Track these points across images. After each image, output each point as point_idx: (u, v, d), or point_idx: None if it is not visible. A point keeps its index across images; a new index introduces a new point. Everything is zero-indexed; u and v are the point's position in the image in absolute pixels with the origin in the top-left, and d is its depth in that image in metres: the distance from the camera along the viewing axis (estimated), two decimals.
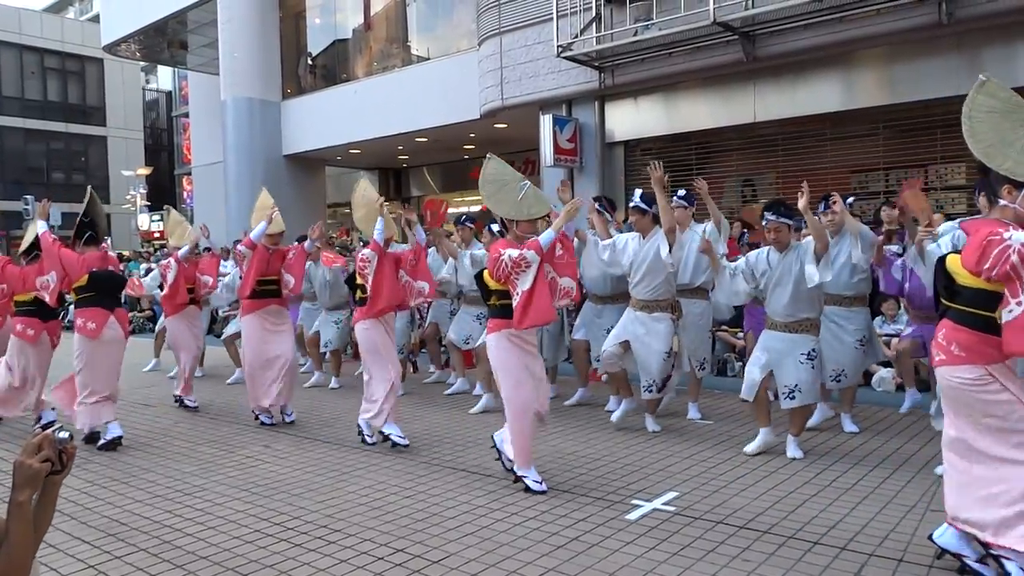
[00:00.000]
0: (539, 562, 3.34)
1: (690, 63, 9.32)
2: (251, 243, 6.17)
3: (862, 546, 3.42)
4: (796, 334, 4.84)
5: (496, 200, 4.48)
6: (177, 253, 7.07)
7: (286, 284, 6.34)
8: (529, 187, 4.43)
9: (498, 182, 4.50)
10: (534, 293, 4.17)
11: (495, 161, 4.59)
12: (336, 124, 15.29)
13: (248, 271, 6.22)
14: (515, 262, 4.19)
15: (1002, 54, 7.76)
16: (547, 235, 4.32)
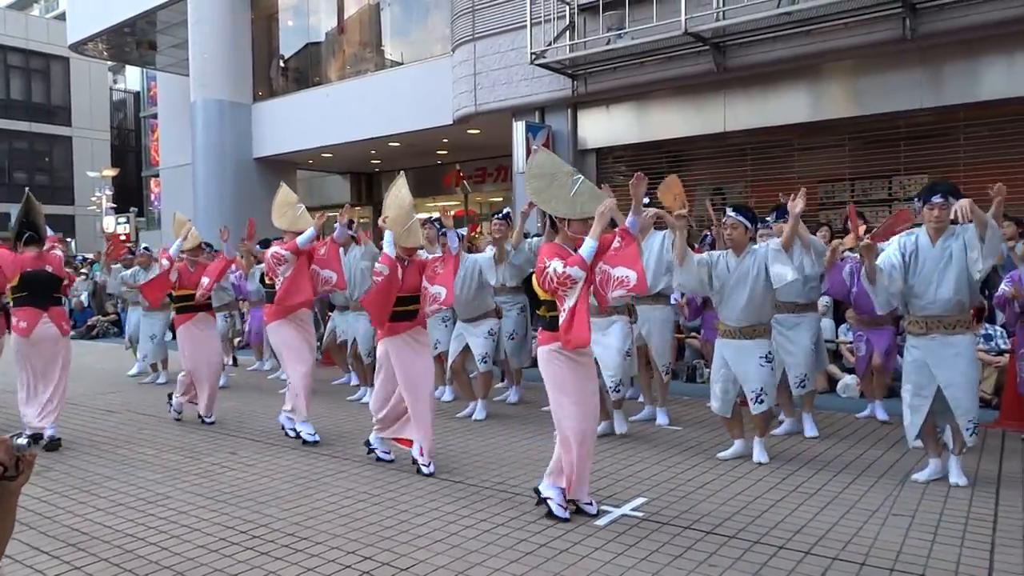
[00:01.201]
0: (508, 568, 3.34)
1: (662, 72, 9.43)
2: (296, 248, 5.69)
3: (826, 550, 3.47)
4: (750, 340, 4.93)
5: (545, 197, 3.96)
6: (168, 251, 6.78)
7: (327, 281, 5.91)
8: (583, 181, 3.94)
9: (546, 176, 3.98)
10: (576, 313, 3.74)
11: (543, 153, 4.19)
12: (308, 127, 15.19)
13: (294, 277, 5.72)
14: (560, 280, 3.75)
15: (963, 69, 7.97)
16: (588, 246, 3.83)
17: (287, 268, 5.69)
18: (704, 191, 10.78)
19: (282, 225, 5.94)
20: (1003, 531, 3.68)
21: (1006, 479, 4.52)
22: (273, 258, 5.72)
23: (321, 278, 5.87)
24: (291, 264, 5.69)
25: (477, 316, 6.54)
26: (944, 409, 4.36)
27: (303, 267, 5.73)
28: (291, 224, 5.88)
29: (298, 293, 5.73)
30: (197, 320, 6.66)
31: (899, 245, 4.46)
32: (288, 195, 6.09)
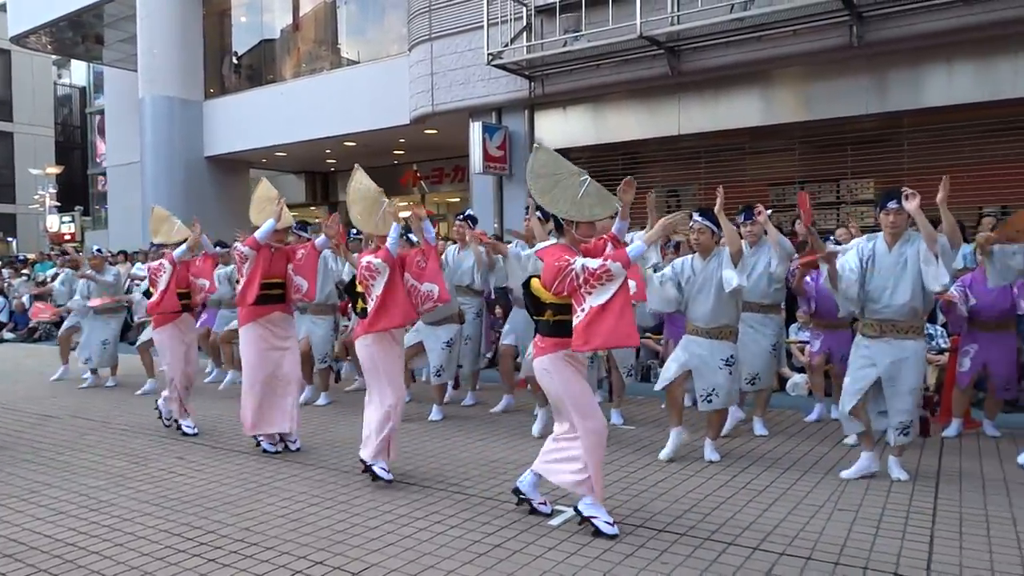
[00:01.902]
0: (461, 570, 3.33)
1: (618, 75, 9.53)
2: (255, 243, 5.37)
3: (774, 545, 3.54)
4: (716, 340, 4.98)
5: (551, 197, 3.79)
6: (171, 253, 6.25)
7: (298, 288, 5.56)
8: (590, 183, 3.78)
9: (551, 176, 3.82)
10: (610, 309, 3.52)
11: (544, 152, 3.93)
12: (261, 126, 14.95)
13: (252, 273, 5.40)
14: (595, 274, 3.55)
15: (908, 76, 8.22)
16: (637, 248, 3.67)
17: (247, 266, 5.37)
18: (659, 193, 10.91)
19: (258, 221, 5.60)
20: (942, 523, 3.80)
21: (945, 474, 4.67)
22: (237, 256, 5.46)
23: (294, 285, 5.55)
24: (251, 261, 5.37)
25: (440, 319, 6.49)
26: (881, 409, 4.49)
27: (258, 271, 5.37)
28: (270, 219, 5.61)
29: (245, 295, 5.37)
30: (179, 322, 6.28)
31: (858, 251, 4.55)
32: (268, 190, 5.74)
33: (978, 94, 7.88)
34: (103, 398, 7.95)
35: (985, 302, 5.46)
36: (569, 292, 3.61)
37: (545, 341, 3.81)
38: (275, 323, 5.49)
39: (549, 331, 3.80)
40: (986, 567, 3.26)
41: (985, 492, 4.29)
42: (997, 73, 7.75)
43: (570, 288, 3.59)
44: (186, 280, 6.34)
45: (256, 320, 5.42)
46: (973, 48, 7.78)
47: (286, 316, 5.60)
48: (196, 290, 6.41)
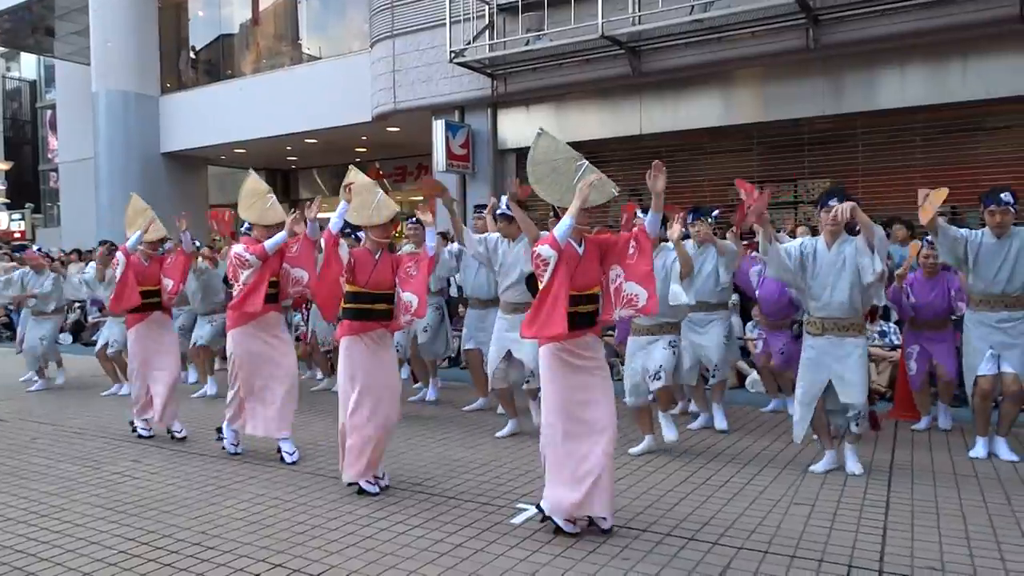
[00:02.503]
0: (423, 570, 3.31)
1: (580, 75, 9.57)
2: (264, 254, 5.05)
3: (732, 540, 3.59)
4: (658, 335, 5.16)
5: (547, 185, 3.71)
6: (125, 245, 5.97)
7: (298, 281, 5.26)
8: (587, 167, 3.66)
9: (549, 163, 3.71)
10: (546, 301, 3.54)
11: (547, 138, 3.79)
12: (220, 122, 14.68)
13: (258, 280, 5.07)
14: (535, 260, 3.56)
15: (863, 79, 8.41)
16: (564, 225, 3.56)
17: (250, 273, 5.02)
18: (622, 192, 10.99)
19: (249, 218, 5.33)
20: (894, 516, 3.89)
21: (898, 467, 4.79)
22: (236, 259, 5.03)
23: (292, 278, 5.23)
24: (255, 270, 5.03)
25: None
26: (835, 407, 4.60)
27: (266, 274, 5.07)
28: (259, 217, 5.23)
29: (254, 301, 5.02)
30: (151, 321, 5.96)
31: (800, 244, 4.67)
32: (257, 184, 5.38)
33: (929, 97, 8.09)
34: (54, 400, 7.75)
35: (924, 303, 5.62)
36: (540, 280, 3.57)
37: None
38: (267, 323, 5.21)
39: None
40: (936, 558, 3.35)
41: (935, 484, 4.41)
42: (947, 76, 7.97)
43: (538, 275, 3.56)
44: (156, 277, 6.01)
45: (249, 323, 5.13)
46: (925, 52, 7.98)
47: (277, 316, 5.33)
48: (163, 289, 6.08)
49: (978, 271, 4.88)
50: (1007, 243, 4.79)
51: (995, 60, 7.69)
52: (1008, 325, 4.85)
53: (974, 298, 5.00)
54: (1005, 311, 4.86)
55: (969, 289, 5.04)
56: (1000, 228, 4.78)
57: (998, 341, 4.87)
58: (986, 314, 4.91)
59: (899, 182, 8.36)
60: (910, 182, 8.50)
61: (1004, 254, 4.79)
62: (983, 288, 4.90)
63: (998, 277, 4.82)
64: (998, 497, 4.16)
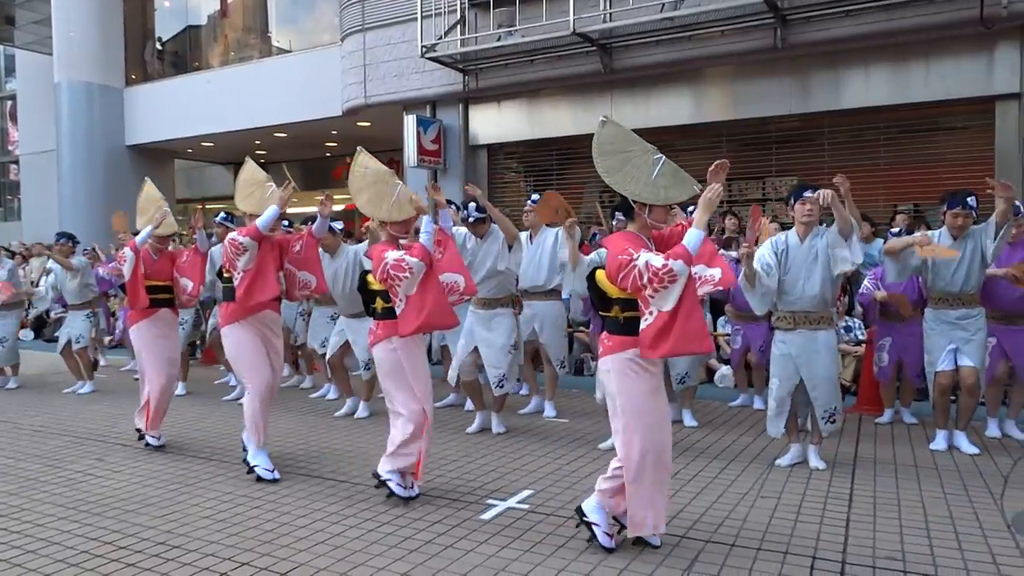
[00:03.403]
0: (392, 567, 3.30)
1: (551, 71, 9.58)
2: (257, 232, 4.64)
3: (700, 533, 3.64)
4: None
5: (621, 177, 3.35)
6: (134, 240, 5.53)
7: (305, 284, 5.00)
8: (665, 162, 3.37)
9: (621, 153, 3.40)
10: (678, 313, 3.14)
11: (613, 126, 3.48)
12: (187, 115, 14.44)
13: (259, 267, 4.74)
14: (658, 276, 3.12)
15: (829, 78, 8.53)
16: (694, 236, 3.21)
17: (248, 259, 4.62)
18: (593, 189, 11.05)
19: (248, 208, 4.90)
20: (857, 508, 3.97)
21: (861, 460, 4.88)
22: (231, 247, 4.64)
23: (299, 281, 4.90)
24: (252, 254, 4.63)
25: (361, 312, 6.42)
26: (806, 401, 4.67)
27: (268, 258, 4.70)
28: (259, 206, 4.84)
29: (262, 290, 4.64)
30: (157, 319, 5.58)
31: (771, 244, 4.72)
32: (255, 172, 5.01)
33: (892, 97, 8.23)
34: (14, 398, 7.57)
35: None
36: (633, 291, 3.23)
37: (612, 339, 3.41)
38: (266, 321, 4.83)
39: (617, 329, 3.40)
40: (897, 548, 3.42)
41: (897, 477, 4.50)
42: (909, 77, 8.11)
43: (633, 287, 3.20)
44: (169, 273, 5.66)
45: (246, 318, 4.75)
46: (888, 53, 8.12)
47: (275, 316, 4.96)
48: (180, 290, 5.68)
49: (937, 271, 5.01)
50: (964, 244, 4.92)
51: (955, 62, 7.85)
52: (966, 322, 4.99)
53: (933, 296, 5.12)
54: (963, 308, 4.99)
55: (929, 288, 5.16)
56: (960, 230, 4.91)
57: (957, 336, 4.99)
58: (945, 312, 5.04)
59: (863, 180, 8.49)
60: (874, 180, 8.68)
61: (961, 254, 4.91)
62: (942, 287, 5.02)
63: (955, 276, 4.95)
64: (957, 489, 4.27)
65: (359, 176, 4.27)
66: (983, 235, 4.88)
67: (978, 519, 3.78)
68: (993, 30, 7.42)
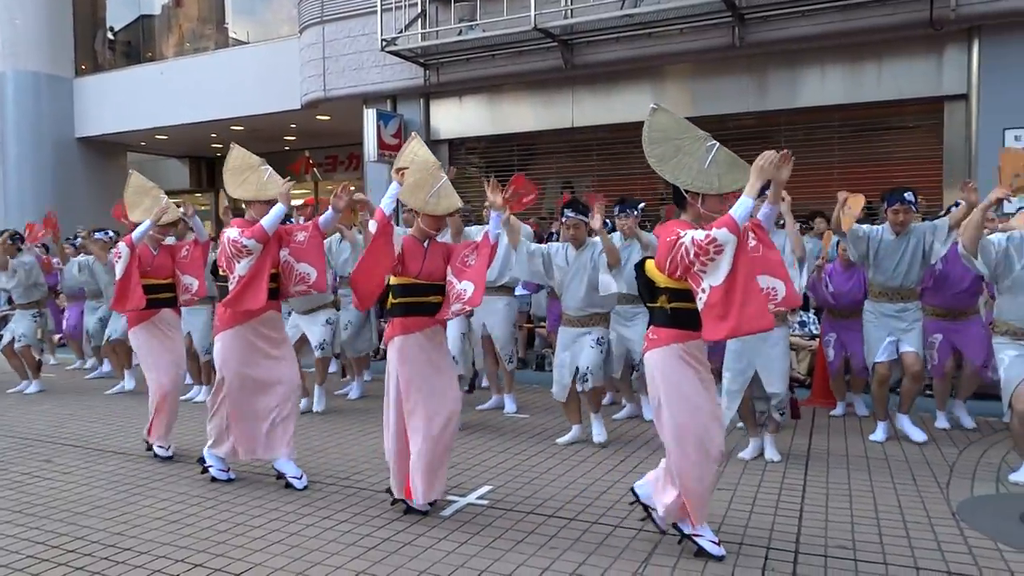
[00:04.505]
0: (350, 565, 3.27)
1: (513, 66, 9.56)
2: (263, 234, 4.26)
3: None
4: (588, 327, 5.20)
5: (673, 166, 3.23)
6: (131, 236, 5.04)
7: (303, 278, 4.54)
8: (719, 149, 3.23)
9: (672, 142, 3.28)
10: (735, 288, 2.99)
11: (663, 113, 3.35)
12: (140, 106, 14.07)
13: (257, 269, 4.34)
14: (702, 248, 3.00)
15: (785, 77, 8.67)
16: (743, 204, 3.03)
17: (250, 263, 4.24)
18: (554, 184, 11.08)
19: (245, 195, 4.46)
20: (810, 499, 4.05)
21: (815, 452, 4.99)
22: (232, 246, 4.22)
23: (297, 274, 4.45)
24: (255, 256, 4.25)
25: (314, 307, 6.43)
26: (761, 394, 4.75)
27: (266, 262, 4.30)
28: (258, 192, 4.43)
29: (254, 297, 4.25)
30: (159, 320, 5.16)
31: None
32: (246, 157, 4.61)
33: (846, 96, 8.41)
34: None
35: (842, 291, 5.88)
36: (683, 272, 3.08)
37: (658, 332, 3.27)
38: (267, 325, 4.47)
39: (664, 320, 3.26)
40: (848, 538, 3.50)
41: (849, 468, 4.61)
42: (863, 77, 8.29)
43: (683, 267, 3.06)
44: (169, 269, 5.22)
45: (246, 323, 4.37)
46: (843, 53, 8.28)
47: (277, 316, 4.60)
48: (182, 288, 5.22)
49: (879, 265, 5.14)
50: (905, 240, 5.05)
51: (906, 63, 8.05)
52: (904, 314, 5.14)
53: (874, 290, 5.26)
54: (902, 303, 5.14)
55: (870, 282, 5.30)
56: (901, 226, 5.04)
57: (895, 327, 5.13)
58: (885, 305, 5.18)
59: (818, 178, 8.66)
60: (829, 178, 8.84)
61: (902, 250, 5.06)
62: (883, 281, 5.16)
63: (896, 271, 5.09)
64: (906, 479, 4.38)
65: (407, 160, 4.08)
66: (928, 233, 5.01)
67: (925, 508, 3.88)
68: (942, 32, 7.62)
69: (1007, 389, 4.27)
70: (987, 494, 4.12)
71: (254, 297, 4.25)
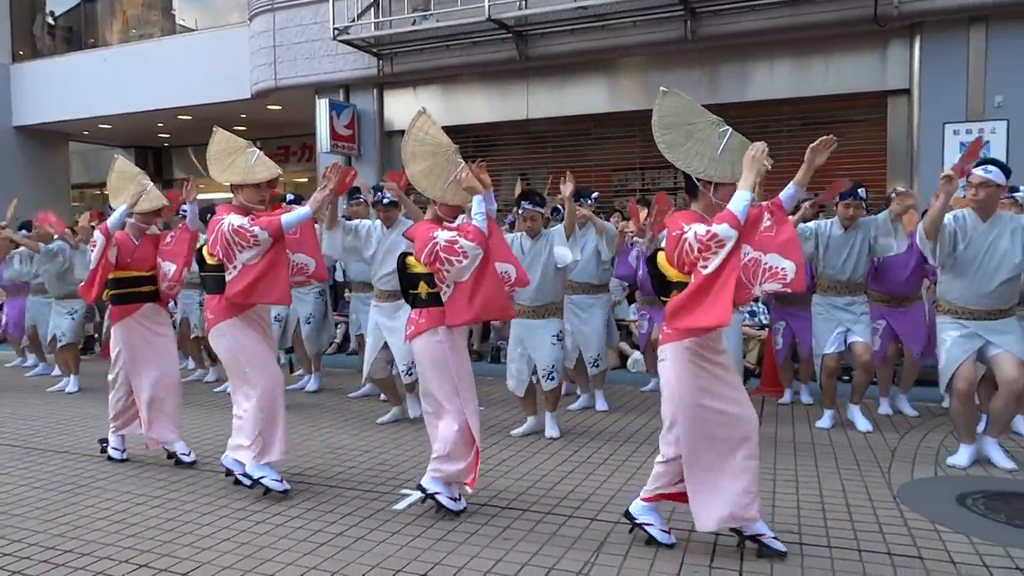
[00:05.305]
0: (300, 562, 3.22)
1: (467, 57, 9.52)
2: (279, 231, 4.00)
3: (609, 515, 3.71)
4: (543, 319, 5.19)
5: (684, 153, 3.09)
6: (106, 224, 4.67)
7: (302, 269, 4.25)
8: (732, 134, 3.12)
9: (683, 127, 3.11)
10: (716, 285, 2.93)
11: (674, 96, 3.19)
12: (82, 94, 13.63)
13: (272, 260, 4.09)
14: (703, 243, 2.92)
15: (737, 70, 8.80)
16: (740, 199, 2.98)
17: (254, 255, 3.93)
18: (510, 176, 11.07)
19: (231, 179, 4.13)
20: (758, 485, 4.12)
21: (763, 439, 5.02)
22: (236, 234, 3.88)
23: (294, 265, 4.19)
24: (263, 249, 3.95)
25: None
26: None
27: (281, 253, 4.04)
28: (246, 175, 4.11)
29: (270, 290, 4.00)
30: (143, 315, 4.79)
31: None
32: (231, 140, 4.25)
33: (794, 90, 8.58)
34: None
35: None
36: (690, 267, 3.00)
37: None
38: (260, 314, 4.26)
39: None
40: (794, 523, 3.58)
41: (795, 455, 4.71)
42: (811, 71, 8.47)
43: (689, 262, 2.99)
44: (150, 260, 4.81)
45: (242, 315, 4.12)
46: (791, 47, 8.45)
47: (266, 306, 4.36)
48: (161, 276, 4.82)
49: (827, 260, 5.27)
50: (853, 235, 5.19)
51: (853, 58, 8.25)
52: (853, 306, 5.27)
53: (822, 284, 5.38)
54: (850, 296, 5.28)
55: (818, 276, 5.42)
56: (850, 220, 5.17)
57: (844, 319, 5.26)
58: (833, 299, 5.31)
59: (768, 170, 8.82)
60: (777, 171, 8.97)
61: (850, 245, 5.19)
62: (831, 275, 5.29)
63: (844, 266, 5.22)
64: (849, 464, 4.50)
65: (418, 141, 3.79)
66: (872, 227, 5.13)
67: (868, 492, 4.00)
68: (886, 29, 7.82)
69: (945, 372, 4.39)
70: (926, 477, 4.26)
71: (270, 290, 3.98)
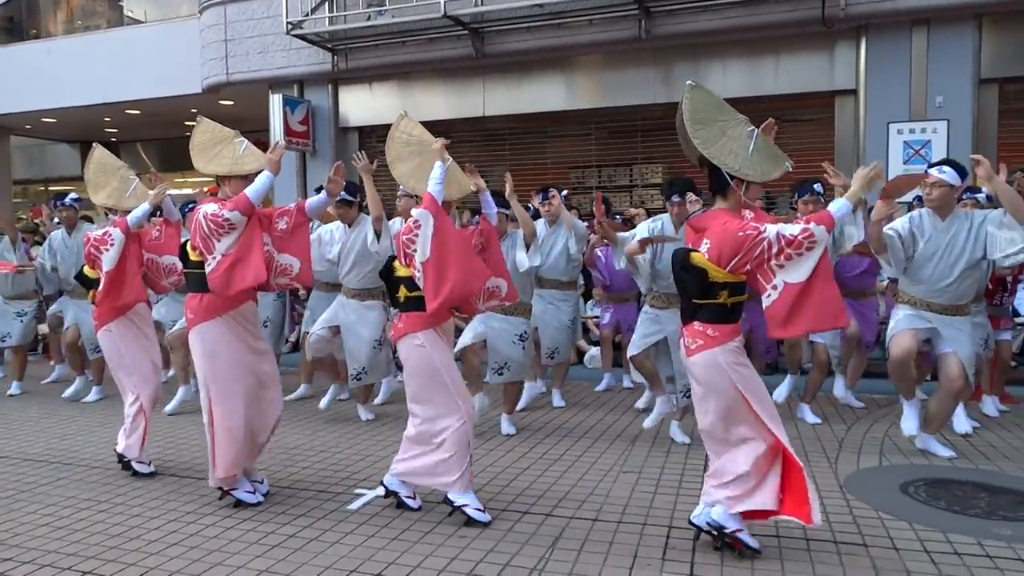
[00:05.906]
0: (251, 564, 3.17)
1: (423, 53, 9.45)
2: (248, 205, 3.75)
3: (564, 510, 3.73)
4: (511, 316, 5.18)
5: (719, 148, 3.05)
6: (124, 220, 4.47)
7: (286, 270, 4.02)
8: (759, 134, 3.11)
9: (716, 123, 3.08)
10: (814, 285, 2.91)
11: (701, 92, 3.16)
12: (24, 87, 13.15)
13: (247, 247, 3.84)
14: (794, 242, 2.88)
15: (689, 70, 8.87)
16: (842, 205, 3.03)
17: (232, 240, 3.73)
18: None
19: (220, 170, 3.96)
20: None
21: None
22: (210, 221, 3.70)
23: (278, 266, 3.95)
24: (239, 232, 3.74)
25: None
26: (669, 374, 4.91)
27: (255, 234, 3.79)
28: (233, 166, 3.94)
29: (243, 276, 3.73)
30: (133, 315, 4.59)
31: (649, 232, 4.93)
32: (216, 130, 4.07)
33: (747, 89, 8.70)
34: None
35: None
36: (755, 267, 2.97)
37: (719, 329, 3.07)
38: (247, 317, 3.98)
39: (723, 317, 3.08)
40: None
41: None
42: (762, 71, 8.61)
43: (758, 261, 2.95)
44: (139, 257, 4.62)
45: (227, 312, 3.87)
46: (743, 47, 8.58)
47: (255, 309, 4.08)
48: (155, 271, 4.68)
49: None
50: None
51: (802, 58, 8.41)
52: None
53: None
54: None
55: None
56: None
57: None
58: None
59: None
60: None
61: None
62: None
63: None
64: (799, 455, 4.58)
65: (402, 143, 3.77)
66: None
67: (815, 482, 4.08)
68: (833, 30, 8.00)
69: (890, 335, 4.55)
70: (871, 467, 4.38)
71: (244, 274, 3.71)
